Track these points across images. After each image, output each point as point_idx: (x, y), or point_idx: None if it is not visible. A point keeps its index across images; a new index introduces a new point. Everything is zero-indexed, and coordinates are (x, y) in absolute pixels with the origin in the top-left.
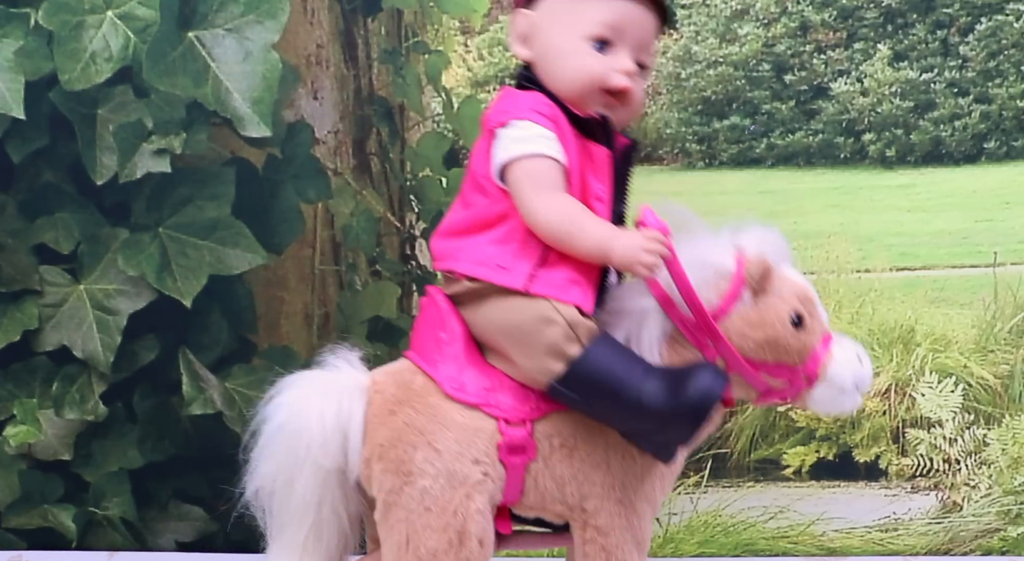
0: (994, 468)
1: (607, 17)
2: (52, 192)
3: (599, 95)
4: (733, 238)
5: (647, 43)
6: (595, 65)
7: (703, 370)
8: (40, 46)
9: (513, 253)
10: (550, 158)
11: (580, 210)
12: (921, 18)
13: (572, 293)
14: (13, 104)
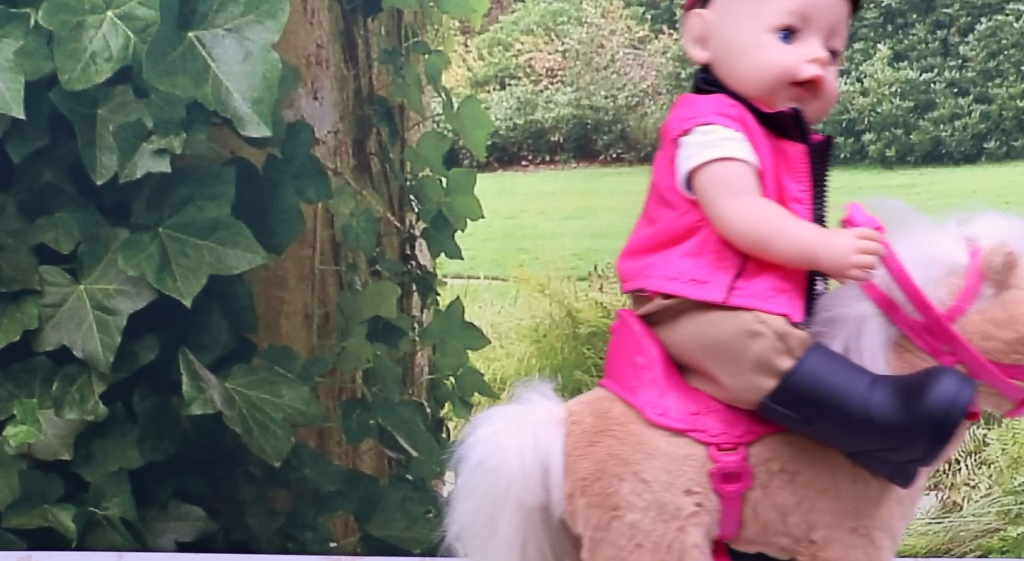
0: (994, 468)
1: (792, 4)
2: (52, 192)
3: (789, 89)
4: (961, 229)
5: (838, 27)
6: (782, 57)
7: (944, 376)
8: (40, 46)
9: (708, 265)
10: (739, 160)
11: (778, 213)
12: (921, 18)
13: (778, 302)
14: (13, 104)
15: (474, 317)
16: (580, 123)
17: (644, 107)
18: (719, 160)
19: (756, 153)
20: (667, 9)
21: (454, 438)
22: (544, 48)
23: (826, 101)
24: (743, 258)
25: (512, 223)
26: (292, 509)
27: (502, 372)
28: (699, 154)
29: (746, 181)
